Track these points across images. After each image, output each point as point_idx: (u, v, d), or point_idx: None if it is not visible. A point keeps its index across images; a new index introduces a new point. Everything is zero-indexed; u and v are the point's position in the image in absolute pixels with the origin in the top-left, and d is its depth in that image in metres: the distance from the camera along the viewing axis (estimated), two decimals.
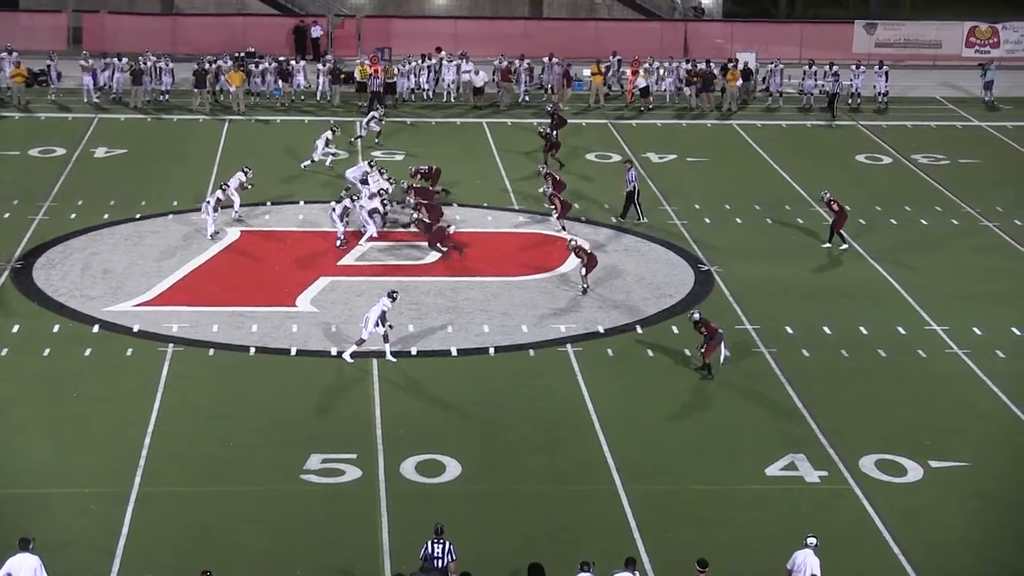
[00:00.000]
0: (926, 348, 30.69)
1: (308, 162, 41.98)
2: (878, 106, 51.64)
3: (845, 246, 36.60)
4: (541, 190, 38.51)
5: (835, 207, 36.75)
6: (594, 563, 20.07)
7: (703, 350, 28.98)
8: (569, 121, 45.93)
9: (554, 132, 43.45)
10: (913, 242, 37.58)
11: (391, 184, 38.09)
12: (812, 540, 20.96)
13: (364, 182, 38.01)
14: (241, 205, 37.33)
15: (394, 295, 29.89)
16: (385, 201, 36.86)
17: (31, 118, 47.90)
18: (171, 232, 36.76)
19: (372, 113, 45.47)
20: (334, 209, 36.01)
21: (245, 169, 37.86)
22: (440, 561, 20.52)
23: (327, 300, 32.64)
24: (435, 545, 20.62)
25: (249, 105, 49.46)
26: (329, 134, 42.30)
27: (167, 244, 35.93)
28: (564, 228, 37.00)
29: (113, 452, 25.30)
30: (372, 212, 36.32)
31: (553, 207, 37.55)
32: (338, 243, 35.76)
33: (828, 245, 36.74)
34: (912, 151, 46.42)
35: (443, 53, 52.07)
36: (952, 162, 45.32)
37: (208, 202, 36.34)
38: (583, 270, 33.06)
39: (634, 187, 38.33)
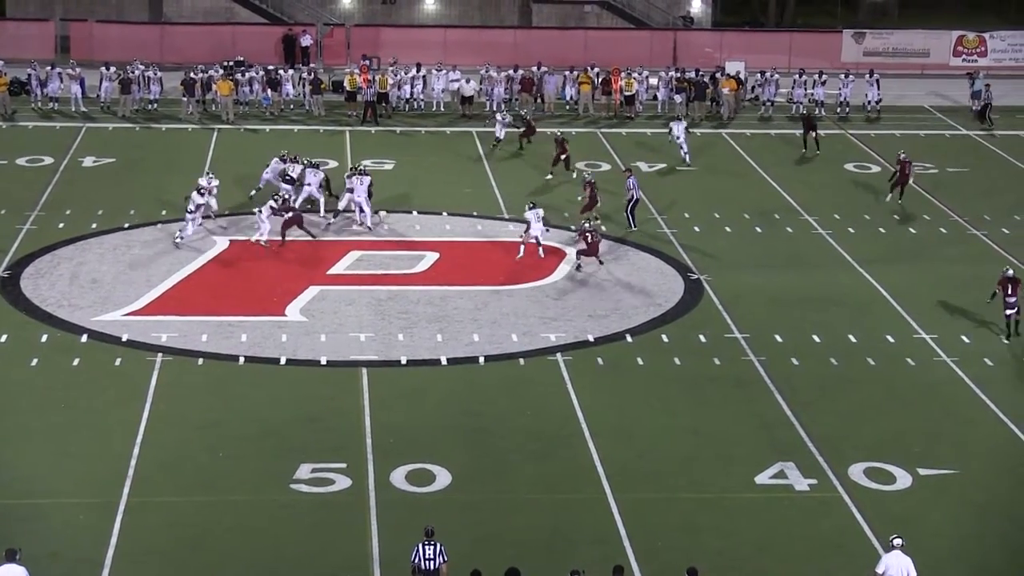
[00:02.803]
0: (915, 356, 30.73)
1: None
2: (868, 114, 51.79)
3: (894, 199, 40.87)
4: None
5: (906, 170, 40.63)
6: (584, 571, 20.04)
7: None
8: (555, 131, 45.78)
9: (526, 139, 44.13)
10: (901, 251, 37.66)
11: (305, 165, 39.07)
12: (899, 540, 20.67)
13: (288, 181, 38.92)
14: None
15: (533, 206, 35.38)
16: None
17: (18, 127, 47.84)
18: (160, 241, 36.68)
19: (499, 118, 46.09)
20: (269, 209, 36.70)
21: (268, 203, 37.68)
22: (432, 563, 20.52)
23: (317, 309, 32.60)
24: (426, 547, 20.62)
25: (238, 114, 49.44)
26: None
27: (156, 254, 35.87)
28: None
29: (102, 462, 25.22)
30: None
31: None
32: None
33: (899, 200, 40.81)
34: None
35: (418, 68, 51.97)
36: (940, 171, 45.42)
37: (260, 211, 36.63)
38: (582, 253, 34.51)
39: (633, 195, 38.22)
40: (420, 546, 20.63)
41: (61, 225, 37.84)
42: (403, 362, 29.92)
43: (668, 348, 30.76)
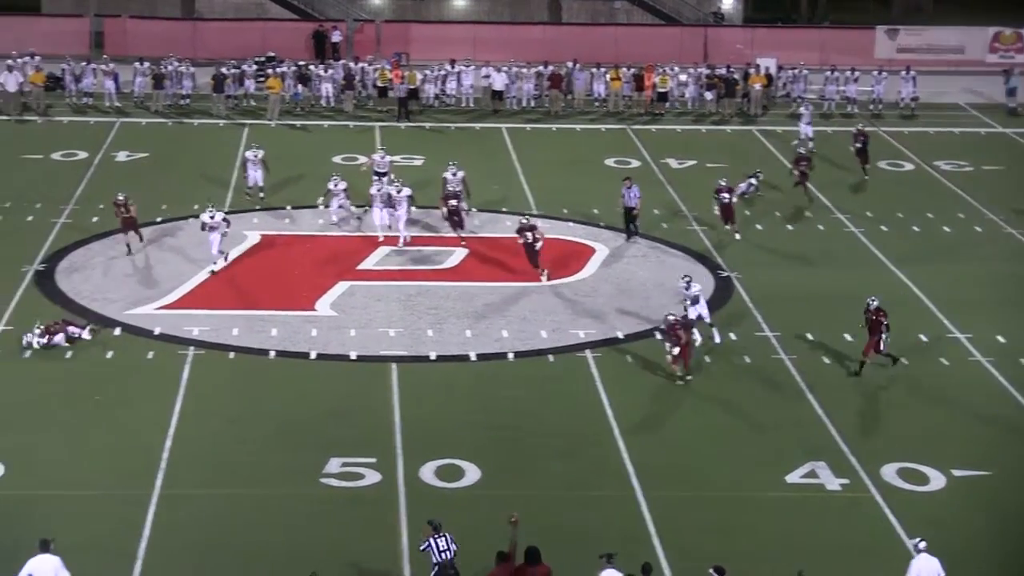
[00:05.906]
0: (949, 356, 30.55)
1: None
2: (904, 111, 51.49)
3: None
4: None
5: None
6: (615, 554, 20.03)
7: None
8: (585, 128, 45.67)
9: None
10: (935, 249, 37.45)
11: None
12: (923, 544, 20.61)
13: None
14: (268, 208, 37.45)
15: (686, 277, 31.01)
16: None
17: (53, 122, 48.08)
18: (192, 235, 36.76)
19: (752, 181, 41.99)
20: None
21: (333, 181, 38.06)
22: (447, 553, 20.67)
23: (346, 304, 32.66)
24: (439, 540, 20.70)
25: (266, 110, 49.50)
26: None
27: (188, 247, 36.00)
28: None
29: (134, 455, 25.35)
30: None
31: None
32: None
33: None
34: (934, 157, 46.25)
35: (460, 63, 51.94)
36: (975, 168, 45.14)
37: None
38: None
39: (629, 204, 37.00)
40: (432, 540, 20.58)
41: (95, 219, 38.02)
42: (432, 357, 29.94)
43: (698, 346, 30.66)
